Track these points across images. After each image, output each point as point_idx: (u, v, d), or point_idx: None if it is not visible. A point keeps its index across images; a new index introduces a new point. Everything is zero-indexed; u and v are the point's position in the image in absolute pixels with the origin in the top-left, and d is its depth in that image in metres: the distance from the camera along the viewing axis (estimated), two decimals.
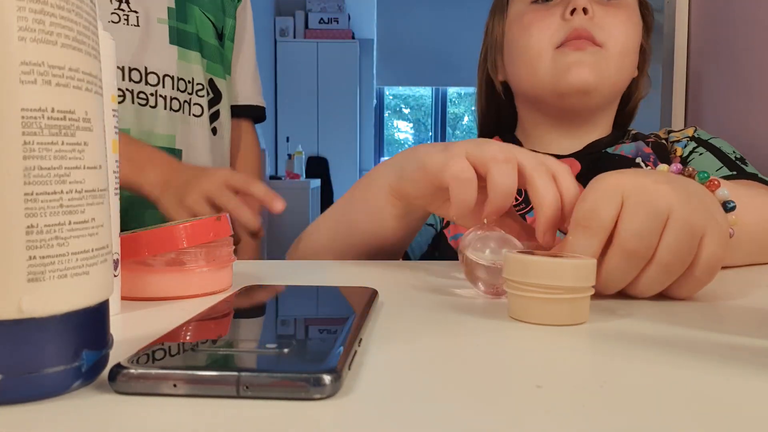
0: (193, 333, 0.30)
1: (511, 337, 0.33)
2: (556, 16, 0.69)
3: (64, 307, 0.23)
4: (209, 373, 0.24)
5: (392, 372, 0.27)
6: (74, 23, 0.23)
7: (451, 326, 0.35)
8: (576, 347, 0.31)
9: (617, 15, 0.69)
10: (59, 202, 0.23)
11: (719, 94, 0.86)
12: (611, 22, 0.69)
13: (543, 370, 0.28)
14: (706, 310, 0.40)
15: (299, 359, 0.25)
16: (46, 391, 0.23)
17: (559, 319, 0.35)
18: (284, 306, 0.37)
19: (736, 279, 0.52)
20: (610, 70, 0.69)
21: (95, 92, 0.25)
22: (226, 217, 0.45)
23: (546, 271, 0.34)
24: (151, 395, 0.24)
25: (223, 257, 0.44)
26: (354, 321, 0.32)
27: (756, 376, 0.27)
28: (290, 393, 0.23)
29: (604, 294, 0.41)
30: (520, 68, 0.73)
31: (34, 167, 0.22)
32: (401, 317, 0.37)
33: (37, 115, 0.22)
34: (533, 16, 0.71)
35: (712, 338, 0.33)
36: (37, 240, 0.22)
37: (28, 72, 0.22)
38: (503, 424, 0.22)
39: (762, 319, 0.38)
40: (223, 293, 0.44)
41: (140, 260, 0.42)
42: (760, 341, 0.32)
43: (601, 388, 0.25)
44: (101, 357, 0.25)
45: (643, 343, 0.32)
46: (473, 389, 0.25)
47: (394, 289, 0.46)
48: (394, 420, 0.22)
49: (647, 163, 0.71)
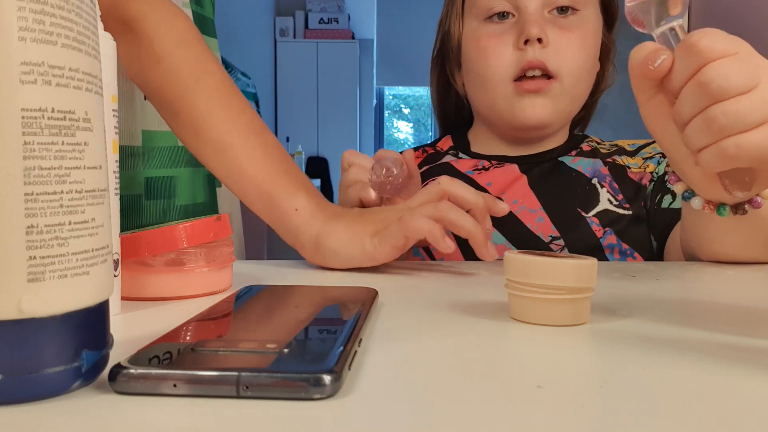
0: (193, 333, 0.30)
1: (511, 337, 0.33)
2: (510, 46, 0.71)
3: (64, 307, 0.23)
4: (209, 373, 0.24)
5: (392, 372, 0.27)
6: (74, 23, 0.23)
7: (451, 326, 0.35)
8: (576, 347, 0.31)
9: (571, 40, 0.70)
10: (59, 202, 0.23)
11: None
12: (565, 47, 0.70)
13: (543, 370, 0.28)
14: (706, 311, 0.40)
15: (299, 359, 0.25)
16: (46, 391, 0.23)
17: (559, 319, 0.35)
18: (284, 306, 0.37)
19: (736, 279, 0.52)
20: (565, 102, 0.72)
21: (95, 92, 0.25)
22: (227, 217, 0.45)
23: (546, 272, 0.34)
24: (151, 395, 0.24)
25: (223, 257, 0.44)
26: (354, 321, 0.32)
27: (756, 376, 0.27)
28: (290, 393, 0.23)
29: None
30: (479, 92, 0.75)
31: (35, 167, 0.22)
32: (401, 317, 0.37)
33: (38, 115, 0.22)
34: (488, 42, 0.72)
35: (712, 338, 0.33)
36: (37, 240, 0.22)
37: (29, 72, 0.22)
38: (503, 424, 0.22)
39: (762, 319, 0.38)
40: (223, 293, 0.44)
41: (140, 260, 0.42)
42: (760, 341, 0.32)
43: (601, 388, 0.25)
44: (101, 357, 0.25)
45: (643, 343, 0.32)
46: (473, 389, 0.25)
47: (394, 289, 0.46)
48: (394, 420, 0.22)
49: (603, 184, 0.73)
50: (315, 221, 0.54)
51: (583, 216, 0.70)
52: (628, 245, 0.70)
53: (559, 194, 0.72)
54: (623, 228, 0.70)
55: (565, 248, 0.69)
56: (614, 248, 0.69)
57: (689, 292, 0.46)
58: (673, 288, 0.47)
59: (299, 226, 0.55)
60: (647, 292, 0.46)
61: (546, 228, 0.70)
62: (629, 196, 0.72)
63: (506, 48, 0.71)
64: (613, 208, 0.71)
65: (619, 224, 0.70)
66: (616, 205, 0.71)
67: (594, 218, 0.70)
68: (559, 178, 0.74)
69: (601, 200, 0.71)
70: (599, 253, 0.69)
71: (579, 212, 0.71)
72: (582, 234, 0.69)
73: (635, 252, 0.69)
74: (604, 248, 0.69)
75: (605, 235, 0.70)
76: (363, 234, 0.53)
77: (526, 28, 0.69)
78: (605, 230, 0.70)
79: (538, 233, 0.70)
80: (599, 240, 0.69)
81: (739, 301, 0.43)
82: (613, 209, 0.71)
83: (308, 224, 0.54)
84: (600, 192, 0.72)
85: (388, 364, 0.28)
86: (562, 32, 0.70)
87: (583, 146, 0.77)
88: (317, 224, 0.54)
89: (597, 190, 0.72)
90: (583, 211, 0.71)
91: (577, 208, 0.71)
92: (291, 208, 0.55)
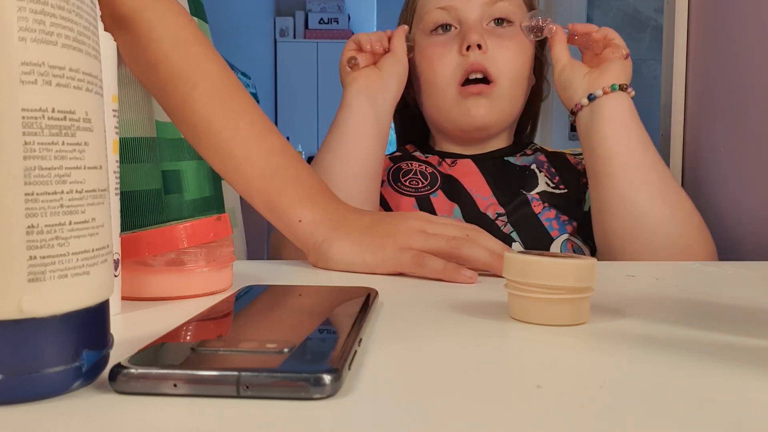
0: (193, 333, 0.30)
1: (511, 337, 0.33)
2: (454, 53, 0.79)
3: (64, 307, 0.23)
4: (209, 373, 0.24)
5: (392, 372, 0.27)
6: (74, 23, 0.23)
7: (451, 326, 0.35)
8: (576, 347, 0.31)
9: (508, 47, 0.79)
10: (60, 203, 0.23)
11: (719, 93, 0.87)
12: (503, 55, 0.78)
13: (543, 370, 0.28)
14: (706, 310, 0.40)
15: (299, 359, 0.25)
16: (47, 391, 0.23)
17: (559, 319, 0.35)
18: (284, 306, 0.37)
19: (736, 279, 0.52)
20: (504, 105, 0.80)
21: (95, 92, 0.25)
22: (227, 217, 0.45)
23: (546, 271, 0.34)
24: (151, 395, 0.24)
25: (223, 257, 0.44)
26: (354, 321, 0.32)
27: (756, 376, 0.27)
28: (290, 393, 0.23)
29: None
30: (428, 99, 0.83)
31: (35, 167, 0.22)
32: (401, 317, 0.37)
33: (38, 116, 0.22)
34: (434, 51, 0.80)
35: (712, 338, 0.33)
36: (37, 240, 0.22)
37: (29, 72, 0.22)
38: (503, 424, 0.22)
39: (762, 319, 0.38)
40: (223, 293, 0.44)
41: (140, 260, 0.42)
42: (760, 341, 0.32)
43: (601, 388, 0.25)
44: (101, 357, 0.25)
45: (643, 343, 0.32)
46: (473, 389, 0.25)
47: (394, 289, 0.46)
48: (394, 420, 0.22)
49: (541, 169, 0.81)
50: (320, 230, 0.55)
51: (524, 194, 0.79)
52: (566, 216, 0.77)
53: (505, 182, 0.80)
54: (561, 204, 0.78)
55: (509, 224, 0.76)
56: (552, 221, 0.76)
57: (689, 292, 0.46)
58: (673, 288, 0.47)
59: (304, 235, 0.55)
60: (647, 292, 0.46)
61: (494, 208, 0.78)
62: (566, 178, 0.81)
63: (450, 55, 0.79)
64: (550, 189, 0.79)
65: (556, 201, 0.78)
66: (553, 186, 0.80)
67: (535, 195, 0.79)
68: (504, 170, 0.82)
69: (539, 183, 0.80)
70: (538, 225, 0.76)
71: (521, 192, 0.79)
72: (522, 210, 0.77)
73: (573, 222, 0.77)
74: (543, 221, 0.76)
75: (543, 210, 0.77)
76: (367, 248, 0.53)
77: (468, 36, 0.77)
78: (544, 205, 0.78)
79: (487, 212, 0.77)
80: (537, 215, 0.77)
81: (739, 301, 0.43)
82: (550, 190, 0.79)
83: (313, 233, 0.55)
84: (538, 176, 0.81)
85: (388, 364, 0.28)
86: (500, 40, 0.79)
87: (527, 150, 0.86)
88: (322, 233, 0.55)
89: (536, 174, 0.81)
90: (525, 191, 0.79)
91: (520, 190, 0.79)
92: (295, 219, 0.55)
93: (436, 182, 0.80)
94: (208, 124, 0.55)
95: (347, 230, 0.54)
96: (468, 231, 0.53)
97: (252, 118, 0.57)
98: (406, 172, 0.82)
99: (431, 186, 0.80)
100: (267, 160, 0.56)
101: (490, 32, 0.79)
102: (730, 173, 0.83)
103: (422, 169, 0.82)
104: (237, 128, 0.56)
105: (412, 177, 0.81)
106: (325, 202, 0.57)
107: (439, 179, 0.81)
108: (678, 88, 0.95)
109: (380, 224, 0.55)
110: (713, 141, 0.87)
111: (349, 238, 0.54)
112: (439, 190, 0.79)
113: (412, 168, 0.83)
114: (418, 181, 0.81)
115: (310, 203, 0.56)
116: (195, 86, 0.55)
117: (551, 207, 0.77)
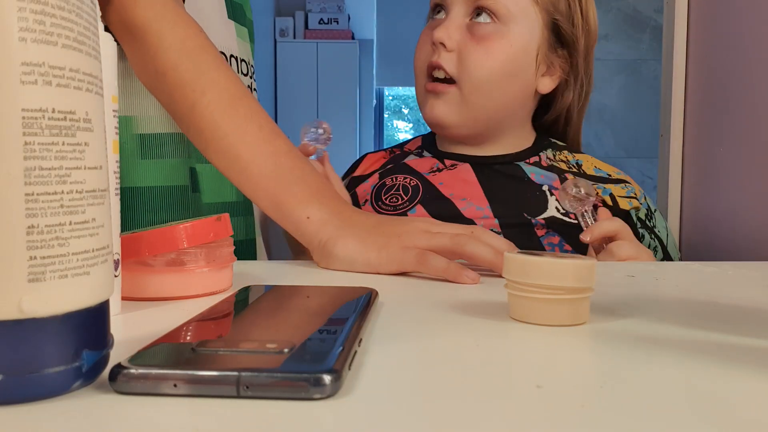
0: (193, 333, 0.30)
1: (511, 337, 0.33)
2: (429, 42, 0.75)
3: (64, 308, 0.23)
4: (209, 373, 0.24)
5: (392, 372, 0.27)
6: (75, 24, 0.23)
7: (451, 326, 0.35)
8: (576, 347, 0.32)
9: (478, 50, 0.72)
10: (60, 203, 0.23)
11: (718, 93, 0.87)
12: (473, 56, 0.72)
13: (543, 370, 0.28)
14: (706, 310, 0.40)
15: (299, 359, 0.25)
16: (47, 391, 0.23)
17: (559, 319, 0.35)
18: (284, 306, 0.37)
19: (736, 279, 0.52)
20: (466, 109, 0.74)
21: (96, 93, 0.25)
22: (227, 217, 0.45)
23: (546, 272, 0.34)
24: (152, 395, 0.24)
25: (223, 257, 0.44)
26: (354, 321, 0.32)
27: (756, 376, 0.27)
28: (290, 393, 0.23)
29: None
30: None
31: (35, 168, 0.22)
32: (401, 317, 0.37)
33: (38, 116, 0.22)
34: (422, 36, 0.77)
35: (712, 338, 0.33)
36: (37, 240, 0.22)
37: (29, 72, 0.22)
38: (503, 424, 0.22)
39: (762, 319, 0.38)
40: (223, 293, 0.44)
41: (140, 260, 0.42)
42: (760, 341, 0.32)
43: (601, 388, 0.25)
44: (101, 357, 0.25)
45: (643, 343, 0.32)
46: (473, 389, 0.25)
47: (394, 289, 0.46)
48: (394, 420, 0.22)
49: (553, 192, 0.75)
50: (326, 228, 0.55)
51: (528, 219, 0.73)
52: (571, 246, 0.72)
53: (508, 197, 0.75)
54: (568, 233, 0.73)
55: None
56: (555, 247, 0.72)
57: (689, 292, 0.46)
58: (673, 288, 0.47)
59: (311, 233, 0.55)
60: (647, 292, 0.46)
61: (489, 224, 0.73)
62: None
63: (427, 45, 0.75)
64: (560, 216, 0.73)
65: (565, 229, 0.73)
66: (563, 213, 0.73)
67: (541, 220, 0.73)
68: (509, 181, 0.76)
69: (549, 207, 0.74)
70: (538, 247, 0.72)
71: (525, 216, 0.73)
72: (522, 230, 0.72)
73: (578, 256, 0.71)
74: (545, 245, 0.72)
75: (547, 234, 0.72)
76: (372, 246, 0.53)
77: (435, 31, 0.73)
78: (548, 230, 0.72)
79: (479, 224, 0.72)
80: (540, 238, 0.72)
81: (739, 301, 0.43)
82: (560, 217, 0.73)
83: (319, 231, 0.55)
84: (549, 200, 0.74)
85: (388, 364, 0.28)
86: (473, 41, 0.72)
87: (543, 157, 0.79)
88: (328, 231, 0.55)
89: (546, 197, 0.74)
90: (530, 215, 0.73)
91: (523, 213, 0.73)
92: (303, 216, 0.55)
93: (416, 196, 0.76)
94: (215, 129, 0.56)
95: (353, 229, 0.55)
96: (473, 229, 0.53)
97: (260, 122, 0.57)
98: (388, 188, 0.79)
99: (410, 201, 0.77)
100: (273, 162, 0.56)
101: (469, 29, 0.73)
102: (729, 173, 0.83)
103: (405, 183, 0.78)
104: (245, 132, 0.56)
105: (393, 194, 0.78)
106: (332, 202, 0.57)
107: (420, 191, 0.77)
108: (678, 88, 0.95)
109: (386, 225, 0.55)
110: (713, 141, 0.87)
111: (354, 237, 0.54)
112: (419, 204, 0.75)
113: (396, 183, 0.79)
114: (398, 197, 0.78)
115: (317, 202, 0.56)
116: (203, 93, 0.56)
117: (556, 233, 0.73)
